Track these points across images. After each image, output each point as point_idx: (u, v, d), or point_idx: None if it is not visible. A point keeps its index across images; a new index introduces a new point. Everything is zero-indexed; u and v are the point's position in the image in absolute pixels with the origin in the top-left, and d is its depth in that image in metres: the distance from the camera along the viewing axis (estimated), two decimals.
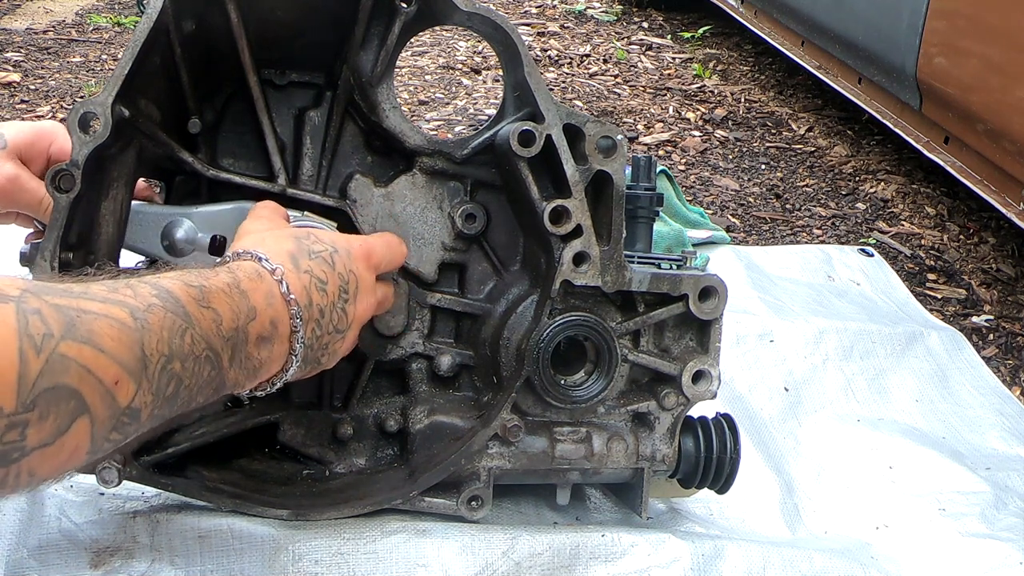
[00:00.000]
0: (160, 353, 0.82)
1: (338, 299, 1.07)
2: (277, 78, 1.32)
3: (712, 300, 1.27)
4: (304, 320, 1.02)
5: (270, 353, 0.99)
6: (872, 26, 2.83)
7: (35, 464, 0.73)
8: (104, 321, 0.78)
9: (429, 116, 3.36)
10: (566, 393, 1.25)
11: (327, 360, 1.11)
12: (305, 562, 1.19)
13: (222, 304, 0.92)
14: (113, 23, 4.39)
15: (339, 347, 1.11)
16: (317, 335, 1.05)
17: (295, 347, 1.02)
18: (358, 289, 1.11)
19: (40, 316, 0.72)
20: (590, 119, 1.22)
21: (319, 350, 1.07)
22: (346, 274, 1.09)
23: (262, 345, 0.97)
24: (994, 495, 1.55)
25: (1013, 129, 2.15)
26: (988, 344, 2.17)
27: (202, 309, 0.89)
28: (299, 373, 1.07)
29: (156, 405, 0.83)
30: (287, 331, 1.01)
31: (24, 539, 1.20)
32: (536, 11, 5.01)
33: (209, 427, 1.27)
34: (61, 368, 0.72)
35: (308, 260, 1.05)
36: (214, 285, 0.92)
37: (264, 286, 0.98)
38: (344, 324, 1.09)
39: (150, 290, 0.85)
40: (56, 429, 0.73)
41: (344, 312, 1.09)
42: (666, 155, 3.16)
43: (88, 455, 0.79)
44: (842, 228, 2.70)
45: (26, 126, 1.34)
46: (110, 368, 0.77)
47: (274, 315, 0.98)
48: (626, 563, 1.25)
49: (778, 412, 1.76)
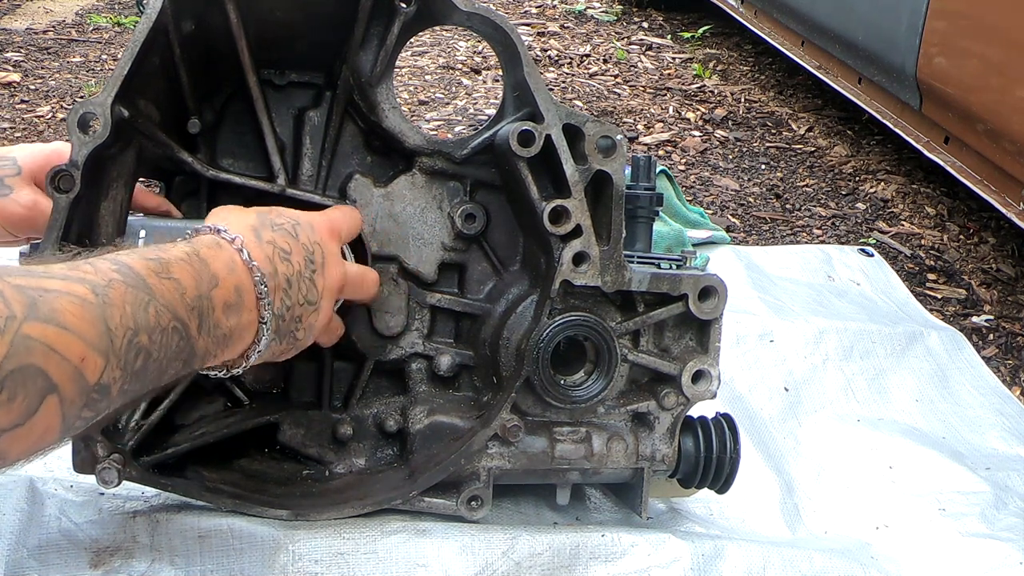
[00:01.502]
0: (125, 327, 0.82)
1: (304, 268, 1.08)
2: (277, 78, 1.32)
3: (712, 300, 1.27)
4: (270, 288, 1.02)
5: (239, 320, 0.99)
6: (872, 26, 2.83)
7: (5, 446, 0.74)
8: (66, 299, 0.78)
9: (429, 116, 3.36)
10: (566, 393, 1.25)
11: (303, 335, 1.11)
12: (305, 562, 1.19)
13: (183, 273, 0.92)
14: (113, 23, 4.39)
15: (314, 320, 1.11)
16: (287, 305, 1.05)
17: (263, 315, 1.01)
18: (324, 260, 1.11)
19: (2, 298, 0.73)
20: (590, 119, 1.22)
21: (292, 322, 1.07)
22: (310, 245, 1.10)
23: (230, 313, 0.97)
24: (994, 495, 1.55)
25: (1013, 129, 2.15)
26: (988, 344, 2.17)
27: (163, 280, 0.89)
28: (275, 349, 1.07)
29: (125, 380, 0.83)
30: (253, 299, 1.00)
31: (24, 539, 1.20)
32: (536, 11, 5.01)
33: (209, 427, 1.28)
34: (25, 349, 0.73)
35: (270, 232, 1.06)
36: (173, 256, 0.93)
37: (224, 254, 0.99)
38: (315, 295, 1.09)
39: (110, 265, 0.86)
40: (25, 410, 0.74)
41: (312, 283, 1.09)
42: (666, 155, 3.16)
43: (60, 433, 0.79)
44: (842, 228, 2.70)
45: (37, 149, 1.33)
46: (75, 345, 0.77)
47: (237, 282, 0.98)
48: (626, 563, 1.25)
49: (778, 412, 1.76)
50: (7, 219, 1.30)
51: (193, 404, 1.30)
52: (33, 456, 0.79)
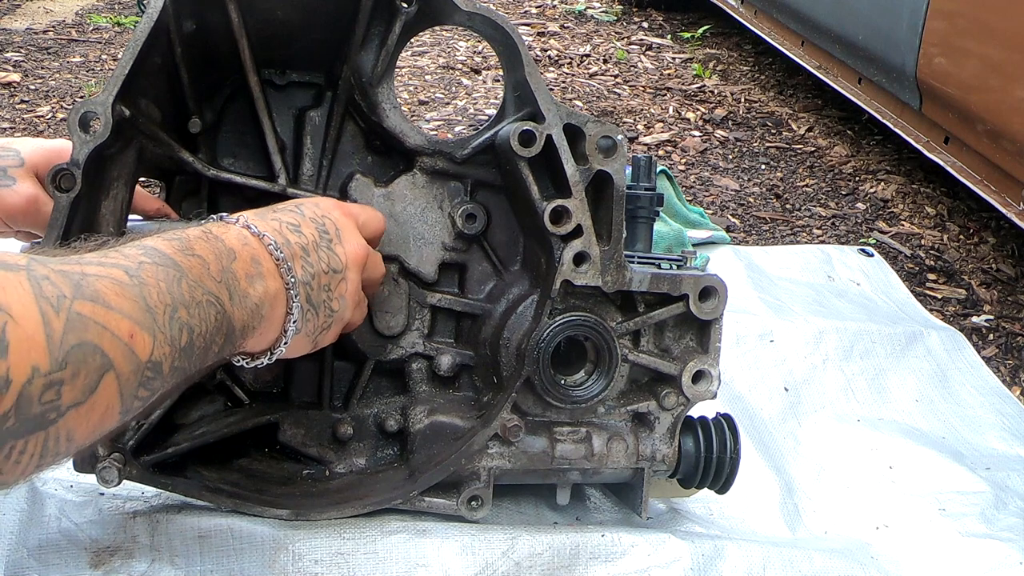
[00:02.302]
0: (164, 303, 0.85)
1: (319, 239, 1.09)
2: (277, 78, 1.32)
3: (712, 300, 1.27)
4: (287, 256, 1.03)
5: (265, 288, 1.00)
6: (872, 26, 2.83)
7: (72, 424, 0.76)
8: (105, 281, 0.80)
9: (429, 116, 3.36)
10: (566, 393, 1.25)
11: (339, 306, 1.11)
12: (305, 562, 1.19)
13: (204, 249, 0.95)
14: (113, 23, 4.39)
15: (344, 291, 1.11)
16: (311, 272, 1.06)
17: (287, 280, 1.03)
18: (339, 230, 1.12)
19: (50, 281, 0.75)
20: (590, 119, 1.22)
21: (321, 291, 1.08)
22: (319, 218, 1.11)
23: (253, 281, 0.99)
24: (994, 495, 1.55)
25: (1013, 129, 2.15)
26: (988, 344, 2.17)
27: (188, 257, 0.92)
28: (314, 322, 1.08)
29: (175, 356, 0.85)
30: (272, 266, 1.02)
31: (24, 539, 1.20)
32: (536, 11, 5.01)
33: (209, 427, 1.28)
34: (81, 326, 0.75)
35: (273, 213, 1.09)
36: (192, 235, 0.96)
37: (233, 231, 1.01)
38: (338, 263, 1.10)
39: (137, 250, 0.88)
40: (87, 386, 0.76)
41: (332, 251, 1.10)
42: (666, 155, 3.16)
43: (120, 415, 0.81)
44: (842, 228, 2.70)
45: (41, 144, 1.34)
46: (123, 323, 0.79)
47: (253, 253, 1.00)
48: (626, 563, 1.25)
49: (778, 412, 1.76)
50: (6, 210, 1.30)
51: (193, 404, 1.30)
52: (96, 437, 0.81)
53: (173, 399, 1.24)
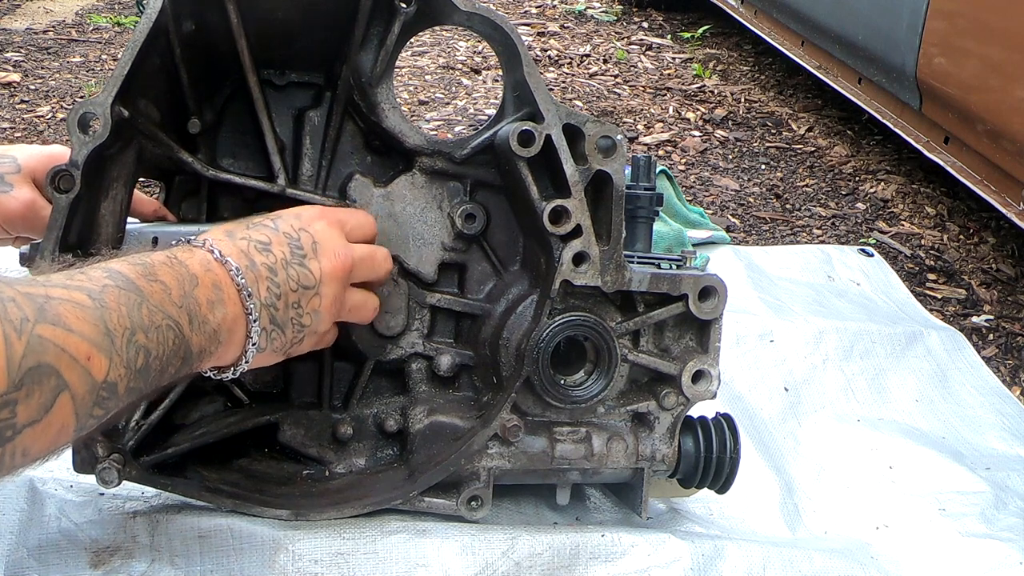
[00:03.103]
0: (123, 327, 0.87)
1: (291, 256, 1.09)
2: (277, 78, 1.32)
3: (712, 300, 1.27)
4: (249, 280, 1.04)
5: (224, 314, 1.02)
6: (872, 26, 2.83)
7: (28, 442, 0.79)
8: (68, 305, 0.84)
9: (429, 116, 3.36)
10: (566, 393, 1.25)
11: (311, 320, 1.12)
12: (305, 562, 1.19)
13: (167, 275, 0.97)
14: (113, 23, 4.39)
15: (318, 305, 1.11)
16: (276, 293, 1.07)
17: (248, 306, 1.04)
18: (317, 244, 1.12)
19: (15, 303, 0.79)
20: (590, 119, 1.22)
21: (288, 309, 1.09)
22: (294, 233, 1.11)
23: (214, 308, 1.00)
24: (994, 495, 1.55)
25: (1013, 129, 2.15)
26: (988, 344, 2.17)
27: (151, 283, 0.94)
28: (281, 339, 1.09)
29: (130, 378, 0.88)
30: (234, 292, 1.03)
31: (24, 539, 1.20)
32: (536, 11, 5.01)
33: (209, 427, 1.28)
34: (40, 348, 0.79)
35: (245, 230, 1.09)
36: (156, 260, 0.98)
37: (197, 255, 1.03)
38: (310, 279, 1.10)
39: (102, 273, 0.91)
40: (42, 406, 0.79)
41: (305, 268, 1.10)
42: (666, 155, 3.16)
43: (75, 432, 0.85)
44: (842, 228, 2.70)
45: (37, 150, 1.35)
46: (81, 345, 0.82)
47: (215, 279, 1.02)
48: (626, 563, 1.25)
49: (778, 412, 1.76)
50: (3, 215, 1.31)
51: (193, 404, 1.30)
52: (52, 454, 0.85)
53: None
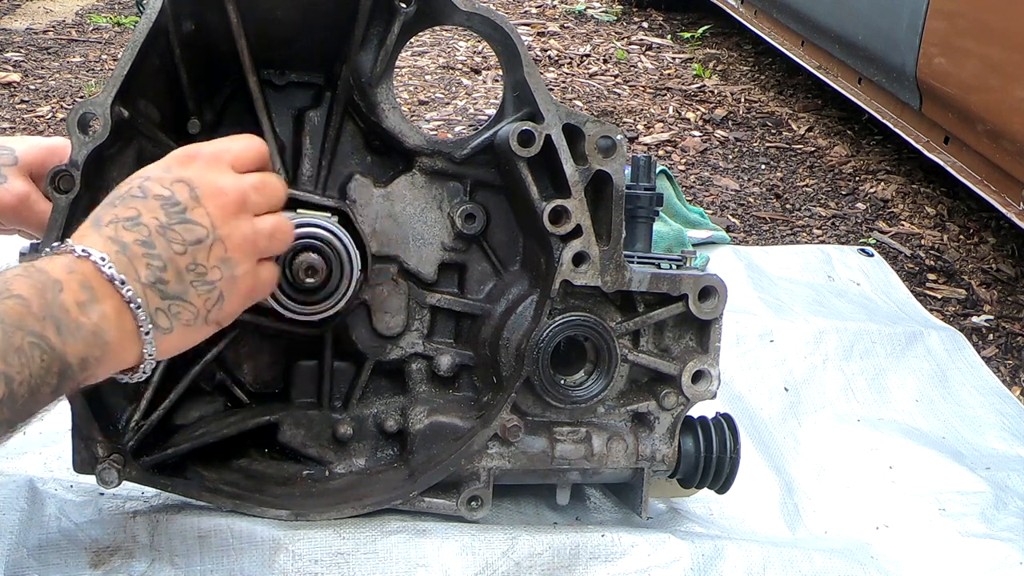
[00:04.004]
0: None
1: (166, 218, 1.00)
2: (277, 78, 1.32)
3: (712, 300, 1.27)
4: (122, 265, 0.97)
5: (102, 312, 0.94)
6: (872, 26, 2.83)
7: None
8: None
9: (429, 116, 3.36)
10: (566, 393, 1.25)
11: (225, 272, 1.03)
12: (305, 562, 1.19)
13: (23, 287, 0.90)
14: (113, 23, 4.39)
15: (221, 252, 1.03)
16: (159, 266, 0.99)
17: (126, 293, 0.96)
18: (195, 190, 1.02)
19: None
20: (590, 119, 1.22)
21: (184, 274, 1.00)
22: (167, 187, 1.02)
23: (86, 309, 0.93)
24: (994, 495, 1.55)
25: (1013, 129, 2.15)
26: (988, 344, 2.17)
27: (4, 300, 0.88)
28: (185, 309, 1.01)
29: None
30: (106, 284, 0.95)
31: (24, 539, 1.20)
32: (536, 11, 5.01)
33: (209, 427, 1.28)
34: None
35: (111, 210, 1.01)
36: (9, 275, 0.91)
37: (59, 260, 0.95)
38: (201, 232, 1.01)
39: None
40: None
41: (189, 221, 1.01)
42: (666, 155, 3.16)
43: None
44: (842, 228, 2.70)
45: (37, 142, 1.33)
46: None
47: (82, 278, 0.94)
48: (626, 563, 1.25)
49: (778, 412, 1.76)
50: None
51: (193, 404, 1.30)
52: None
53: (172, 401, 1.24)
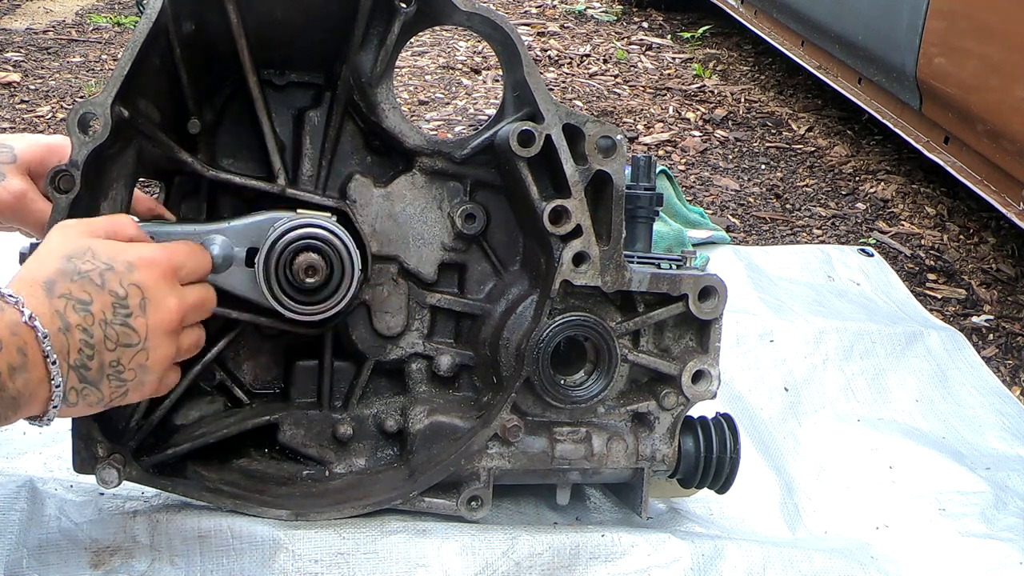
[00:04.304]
0: None
1: (112, 315, 1.04)
2: (277, 78, 1.32)
3: (712, 300, 1.27)
4: (59, 345, 0.99)
5: (26, 380, 0.97)
6: (872, 26, 2.83)
7: None
8: None
9: (429, 116, 3.36)
10: (566, 393, 1.25)
11: (138, 376, 1.07)
12: (305, 562, 1.19)
13: None
14: (113, 23, 4.39)
15: (144, 360, 1.07)
16: (88, 355, 1.02)
17: (51, 371, 0.99)
18: (145, 301, 1.06)
19: None
20: (590, 119, 1.22)
21: (105, 368, 1.04)
22: (123, 289, 1.05)
23: (15, 375, 0.96)
24: (994, 495, 1.55)
25: (1013, 129, 2.15)
26: (988, 344, 2.17)
27: None
28: (93, 394, 1.04)
29: None
30: (39, 357, 0.98)
31: (24, 539, 1.20)
32: (536, 11, 5.01)
33: (209, 427, 1.28)
34: None
35: (68, 283, 1.02)
36: None
37: (6, 316, 0.97)
38: (134, 338, 1.05)
39: None
40: None
41: (128, 327, 1.05)
42: (666, 155, 3.16)
43: None
44: (842, 228, 2.70)
45: (36, 140, 1.33)
46: None
47: (21, 343, 0.96)
48: (626, 563, 1.25)
49: (778, 412, 1.76)
50: None
51: (193, 404, 1.30)
52: None
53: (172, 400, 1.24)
